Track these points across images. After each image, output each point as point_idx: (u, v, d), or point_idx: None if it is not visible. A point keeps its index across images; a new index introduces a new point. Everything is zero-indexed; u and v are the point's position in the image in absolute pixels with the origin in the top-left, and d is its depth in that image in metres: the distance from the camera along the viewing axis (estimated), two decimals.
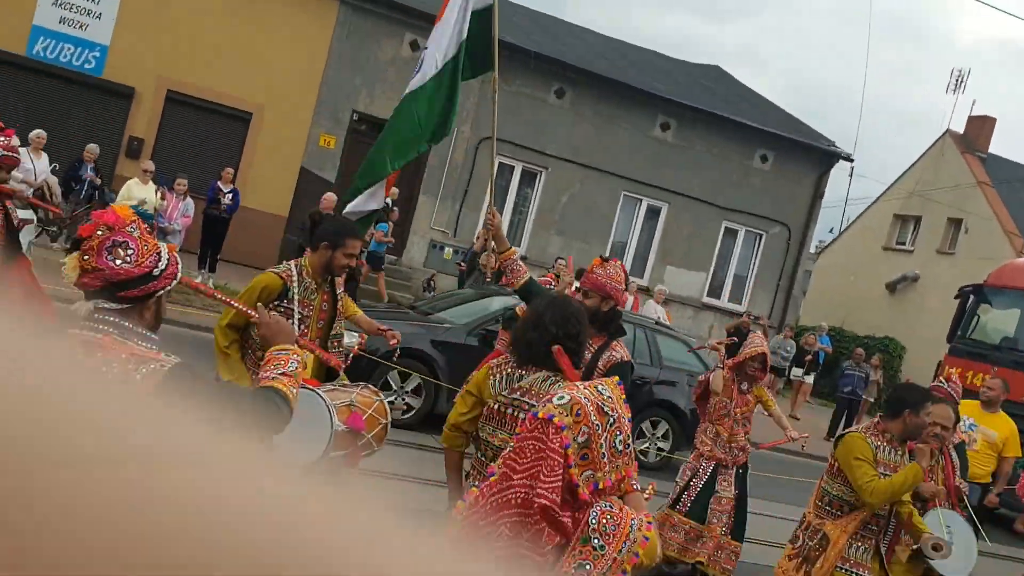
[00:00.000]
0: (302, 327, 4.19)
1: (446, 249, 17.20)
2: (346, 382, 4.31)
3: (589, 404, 2.38)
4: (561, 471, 2.30)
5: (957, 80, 26.91)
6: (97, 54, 15.58)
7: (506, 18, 20.92)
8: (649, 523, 2.39)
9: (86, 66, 15.53)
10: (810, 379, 17.21)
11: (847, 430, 5.12)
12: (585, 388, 2.48)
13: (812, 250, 24.95)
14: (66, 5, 15.30)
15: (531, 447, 2.36)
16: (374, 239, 13.42)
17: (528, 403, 3.38)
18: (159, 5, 15.55)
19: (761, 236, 19.70)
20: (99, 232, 2.32)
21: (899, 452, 4.68)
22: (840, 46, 68.83)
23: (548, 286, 5.26)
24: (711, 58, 35.76)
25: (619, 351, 4.49)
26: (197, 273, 13.12)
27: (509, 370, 3.54)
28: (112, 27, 15.54)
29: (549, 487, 2.27)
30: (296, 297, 4.21)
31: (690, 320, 18.54)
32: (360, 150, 17.11)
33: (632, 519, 2.35)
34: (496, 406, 3.49)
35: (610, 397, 2.44)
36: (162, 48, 15.59)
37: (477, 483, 3.36)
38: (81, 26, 15.42)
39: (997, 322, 12.97)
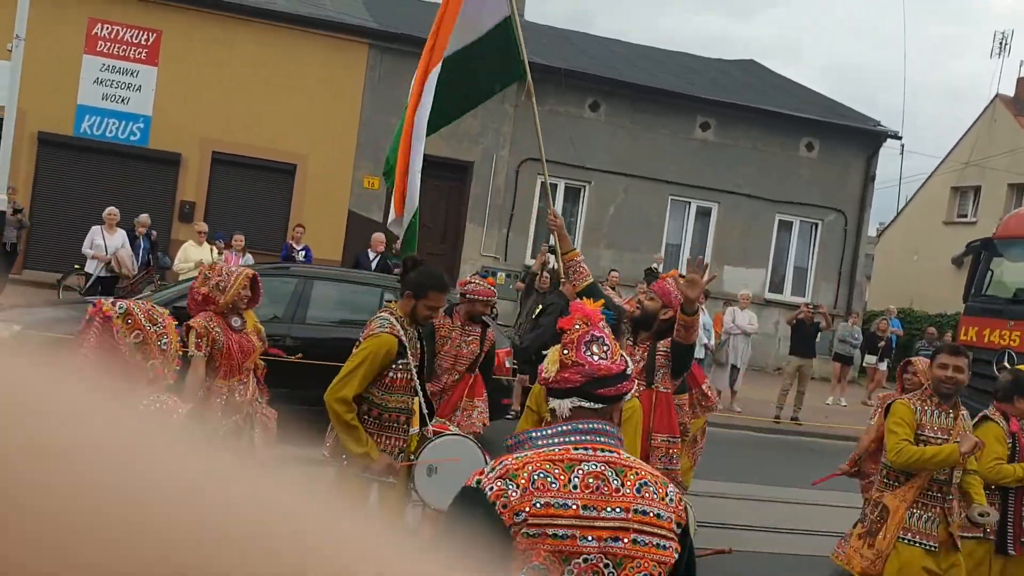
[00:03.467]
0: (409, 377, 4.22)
1: (499, 274, 17.23)
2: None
3: None
4: None
5: (1001, 43, 26.23)
6: (141, 125, 16.02)
7: (533, 38, 21.06)
8: None
9: (132, 138, 15.98)
10: (884, 365, 16.75)
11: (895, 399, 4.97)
12: None
13: (872, 233, 24.42)
14: (107, 82, 15.78)
15: None
16: None
17: None
18: (194, 72, 15.95)
19: (817, 225, 19.32)
20: (576, 326, 2.24)
21: (951, 415, 4.52)
22: (876, 26, 67.80)
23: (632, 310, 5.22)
24: (745, 53, 35.52)
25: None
26: None
27: None
28: (152, 97, 15.98)
29: None
30: (408, 350, 4.22)
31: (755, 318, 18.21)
32: None
33: None
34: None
35: None
36: (202, 112, 15.97)
37: None
38: (123, 100, 15.88)
39: (1012, 275, 12.29)
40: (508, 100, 16.99)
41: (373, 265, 13.64)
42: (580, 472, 2.05)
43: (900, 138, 19.34)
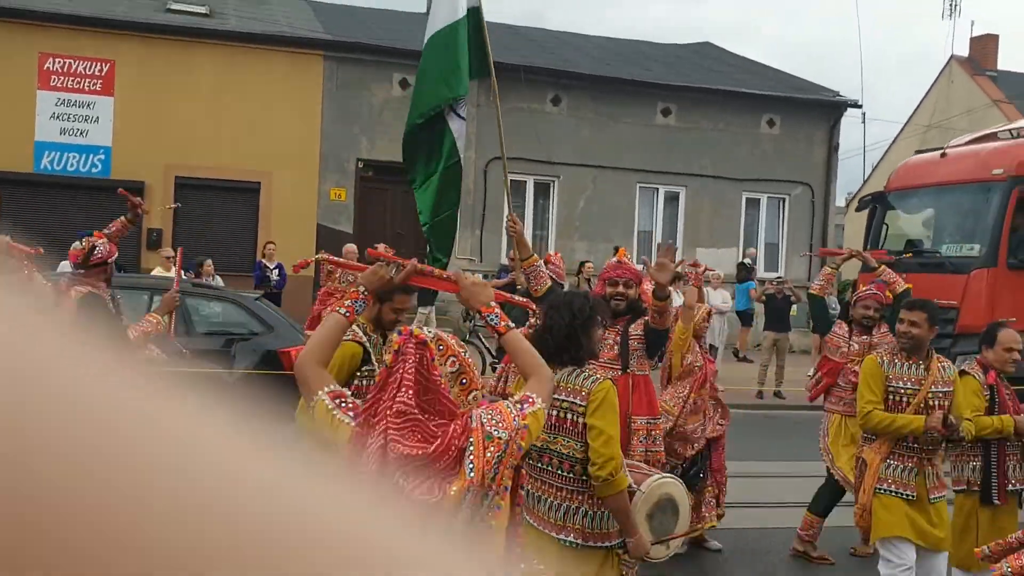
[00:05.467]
0: None
1: (476, 276, 17.23)
2: None
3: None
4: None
5: (951, 5, 26.50)
6: (102, 156, 15.89)
7: (490, 38, 21.03)
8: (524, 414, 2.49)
9: (93, 170, 15.85)
10: None
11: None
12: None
13: (841, 204, 24.62)
14: (64, 116, 15.65)
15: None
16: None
17: (560, 399, 3.44)
18: (151, 99, 15.84)
19: (784, 200, 19.47)
20: None
21: (921, 366, 4.69)
22: (827, 1, 68.29)
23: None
24: (699, 36, 35.80)
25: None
26: None
27: None
28: (111, 128, 15.86)
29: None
30: (375, 357, 4.11)
31: (729, 297, 18.34)
32: (371, 196, 17.25)
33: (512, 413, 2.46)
34: None
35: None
36: (162, 138, 15.86)
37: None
38: (82, 133, 15.75)
39: (905, 226, 12.32)
40: (471, 100, 16.96)
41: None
42: None
43: (860, 106, 19.53)
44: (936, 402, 4.66)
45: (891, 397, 4.68)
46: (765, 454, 9.26)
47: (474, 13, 5.79)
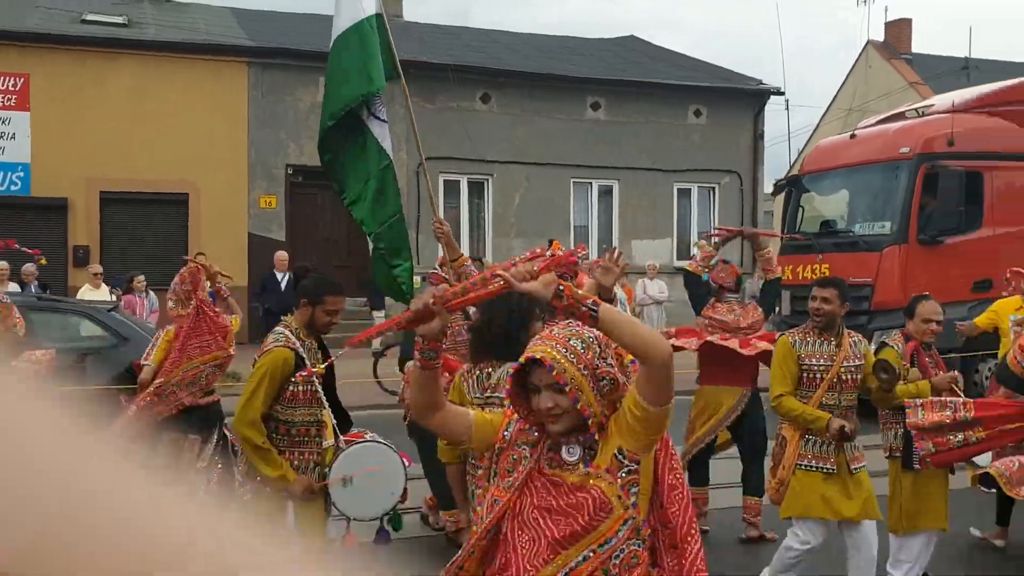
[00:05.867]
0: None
1: (414, 279, 17.14)
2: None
3: None
4: None
5: None
6: (21, 174, 15.41)
7: (414, 36, 20.99)
8: None
9: (12, 188, 15.36)
10: None
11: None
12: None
13: (768, 191, 25.08)
14: None
15: None
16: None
17: (500, 397, 3.46)
18: (70, 112, 15.41)
19: (714, 189, 19.80)
20: None
21: (833, 343, 4.82)
22: None
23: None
24: (626, 30, 36.12)
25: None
26: None
27: (478, 372, 3.60)
28: (28, 144, 15.38)
29: None
30: (309, 362, 4.04)
31: (668, 287, 18.59)
32: (302, 202, 17.05)
33: None
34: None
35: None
36: (84, 153, 15.44)
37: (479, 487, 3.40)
38: None
39: (820, 208, 12.54)
40: (398, 100, 16.87)
41: (283, 285, 13.41)
42: None
43: (783, 93, 19.91)
44: (849, 376, 4.80)
45: (805, 375, 4.80)
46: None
47: (377, 19, 5.73)
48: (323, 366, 4.11)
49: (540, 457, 2.36)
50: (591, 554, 2.28)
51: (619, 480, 2.31)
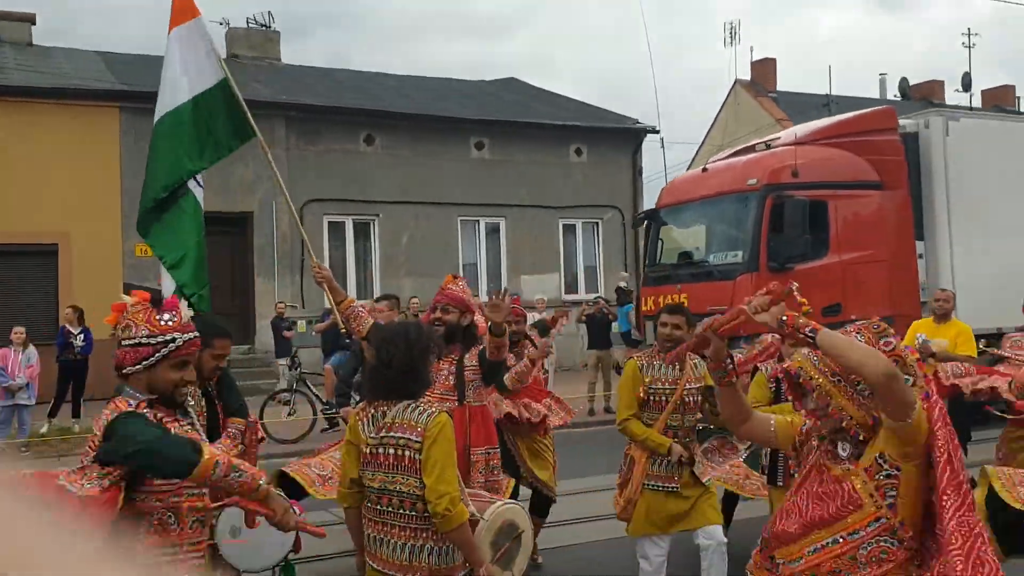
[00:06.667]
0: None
1: (299, 323, 16.80)
2: None
3: None
4: None
5: (731, 32, 28.61)
6: None
7: (293, 80, 20.78)
8: None
9: None
10: None
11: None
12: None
13: None
14: None
15: None
16: None
17: (396, 437, 3.40)
18: None
19: (597, 224, 20.28)
20: None
21: (677, 368, 4.99)
22: (621, 34, 71.94)
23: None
24: (505, 72, 36.85)
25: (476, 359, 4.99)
26: (46, 422, 12.30)
27: (372, 411, 3.52)
28: None
29: None
30: (192, 410, 3.77)
31: None
32: None
33: None
34: (368, 450, 3.46)
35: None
36: None
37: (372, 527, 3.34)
38: None
39: (677, 240, 12.96)
40: (278, 144, 16.67)
41: None
42: None
43: (658, 132, 20.65)
44: (691, 398, 5.02)
45: (651, 398, 5.00)
46: (608, 468, 9.47)
47: (223, 85, 5.67)
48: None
49: (822, 448, 2.79)
50: (840, 540, 2.63)
51: (875, 481, 2.61)
